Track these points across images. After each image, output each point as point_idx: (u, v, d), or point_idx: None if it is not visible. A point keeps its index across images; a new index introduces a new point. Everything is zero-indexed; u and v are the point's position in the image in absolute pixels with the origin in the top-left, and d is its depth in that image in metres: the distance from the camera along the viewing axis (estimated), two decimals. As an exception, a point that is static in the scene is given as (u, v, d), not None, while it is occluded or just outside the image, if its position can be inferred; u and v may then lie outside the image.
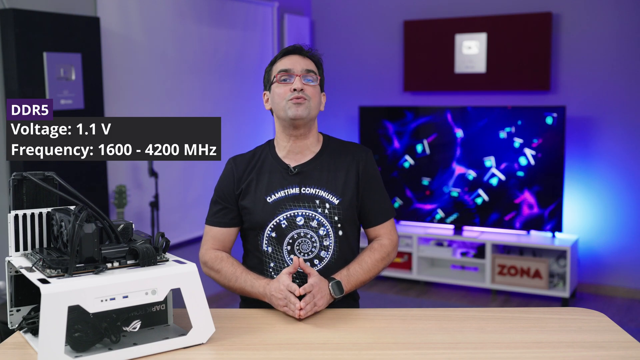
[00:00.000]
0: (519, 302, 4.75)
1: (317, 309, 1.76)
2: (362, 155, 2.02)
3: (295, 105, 1.91)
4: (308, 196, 1.95)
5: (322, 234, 1.94)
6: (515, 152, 4.85)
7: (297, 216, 1.94)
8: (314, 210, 1.94)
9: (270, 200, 1.95)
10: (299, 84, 1.92)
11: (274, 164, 1.99)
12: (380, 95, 5.58)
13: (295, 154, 2.00)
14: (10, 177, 1.62)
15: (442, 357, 1.52)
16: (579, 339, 1.62)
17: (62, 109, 3.51)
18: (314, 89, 1.95)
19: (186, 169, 4.50)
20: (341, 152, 2.02)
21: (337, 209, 1.95)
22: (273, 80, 1.98)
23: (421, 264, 5.14)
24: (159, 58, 4.25)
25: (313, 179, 1.97)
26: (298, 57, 1.98)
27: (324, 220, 1.94)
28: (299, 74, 1.94)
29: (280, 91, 1.94)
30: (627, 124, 4.77)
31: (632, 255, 4.82)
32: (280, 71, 1.95)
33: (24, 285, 1.64)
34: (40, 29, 3.41)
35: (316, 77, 1.97)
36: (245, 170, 2.00)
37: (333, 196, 1.95)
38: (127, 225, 1.59)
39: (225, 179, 2.03)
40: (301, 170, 1.97)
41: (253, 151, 2.06)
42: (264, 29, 5.20)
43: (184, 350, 1.54)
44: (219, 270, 1.95)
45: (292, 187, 1.96)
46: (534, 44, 4.93)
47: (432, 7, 5.37)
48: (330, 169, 1.98)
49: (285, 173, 1.97)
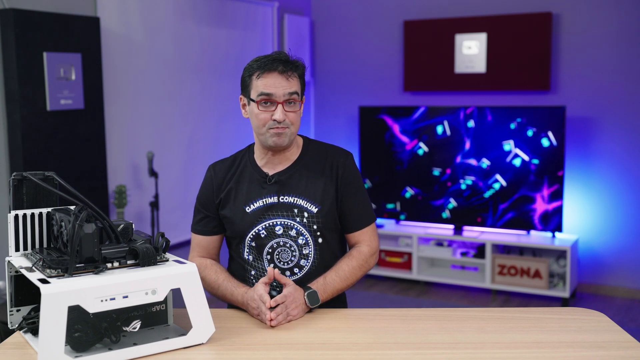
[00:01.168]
0: (519, 302, 4.75)
1: (290, 318, 1.75)
2: (341, 160, 1.97)
3: (276, 135, 1.86)
4: (286, 205, 1.92)
5: (301, 242, 1.92)
6: (515, 152, 4.85)
7: (276, 225, 1.91)
8: (292, 219, 1.91)
9: (249, 210, 1.93)
10: (280, 115, 1.83)
11: (252, 172, 1.97)
12: (380, 95, 5.58)
13: (274, 164, 1.96)
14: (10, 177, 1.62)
15: (442, 357, 1.52)
16: (579, 339, 1.62)
17: (62, 109, 3.51)
18: (295, 115, 1.88)
19: (186, 169, 4.51)
20: (320, 157, 1.98)
21: (316, 217, 1.92)
22: (253, 98, 1.88)
23: (421, 264, 5.14)
24: (159, 58, 4.25)
25: (291, 187, 1.93)
26: (281, 77, 1.85)
27: (303, 230, 1.91)
28: (281, 100, 1.84)
29: (261, 117, 1.86)
30: (627, 124, 4.78)
31: (632, 255, 4.82)
32: (261, 94, 1.85)
33: (24, 285, 1.64)
34: (40, 29, 3.41)
35: (299, 97, 1.89)
36: (225, 178, 1.98)
37: (311, 204, 1.92)
38: (127, 225, 1.59)
39: (205, 188, 2.01)
40: (279, 179, 1.94)
41: (234, 156, 2.03)
42: (264, 29, 5.20)
43: (184, 350, 1.54)
44: (203, 278, 1.93)
45: (270, 196, 1.93)
46: (534, 44, 4.93)
47: (432, 7, 5.37)
48: (309, 176, 1.95)
49: (263, 182, 1.94)
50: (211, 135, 4.71)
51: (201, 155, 4.61)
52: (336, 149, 2.01)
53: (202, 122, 4.63)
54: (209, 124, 4.70)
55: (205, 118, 4.66)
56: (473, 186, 5.01)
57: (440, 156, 5.11)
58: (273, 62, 1.86)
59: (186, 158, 4.50)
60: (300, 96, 1.90)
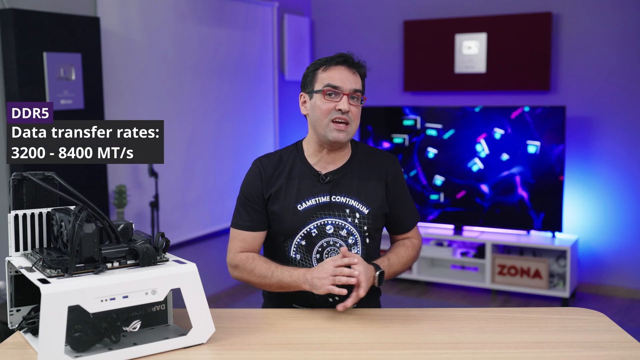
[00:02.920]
0: (519, 302, 4.75)
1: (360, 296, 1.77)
2: (389, 164, 2.01)
3: (337, 131, 1.88)
4: (338, 205, 1.93)
5: (350, 242, 1.94)
6: (515, 152, 4.85)
7: (327, 225, 1.93)
8: (344, 219, 1.93)
9: (301, 208, 1.93)
10: (345, 105, 1.87)
11: (303, 169, 1.96)
12: (380, 95, 5.58)
13: (326, 163, 1.97)
14: (10, 177, 1.62)
15: (442, 357, 1.52)
16: (579, 339, 1.62)
17: (62, 109, 3.51)
18: (357, 110, 1.91)
19: (186, 168, 4.51)
20: (370, 160, 2.00)
21: (366, 219, 1.94)
22: (317, 90, 1.91)
23: (421, 264, 5.14)
24: (159, 58, 4.25)
25: (344, 187, 1.95)
26: (347, 71, 1.90)
27: (353, 230, 1.94)
28: (347, 92, 1.88)
29: (324, 107, 1.88)
30: (627, 124, 4.77)
31: (632, 255, 4.82)
32: (327, 85, 1.88)
33: (24, 285, 1.64)
34: (40, 29, 3.41)
35: (362, 96, 1.93)
36: (274, 174, 1.96)
37: (363, 205, 1.95)
38: (127, 225, 1.59)
39: (253, 181, 1.97)
40: (332, 178, 1.95)
41: (279, 153, 2.01)
42: (264, 29, 5.20)
43: (184, 350, 1.54)
44: (253, 269, 1.90)
45: (322, 195, 1.94)
46: (534, 44, 4.93)
47: (432, 7, 5.37)
48: (361, 177, 1.97)
49: (315, 180, 1.94)
50: (211, 135, 4.71)
51: (201, 155, 4.61)
52: (384, 153, 2.05)
53: (202, 122, 4.63)
54: (209, 124, 4.70)
55: (205, 118, 4.66)
56: (473, 186, 5.00)
57: (440, 156, 5.10)
58: (340, 57, 1.92)
59: (186, 158, 4.50)
60: (362, 94, 1.93)
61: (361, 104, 1.93)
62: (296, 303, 1.95)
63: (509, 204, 4.90)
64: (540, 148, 4.77)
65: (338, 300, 1.88)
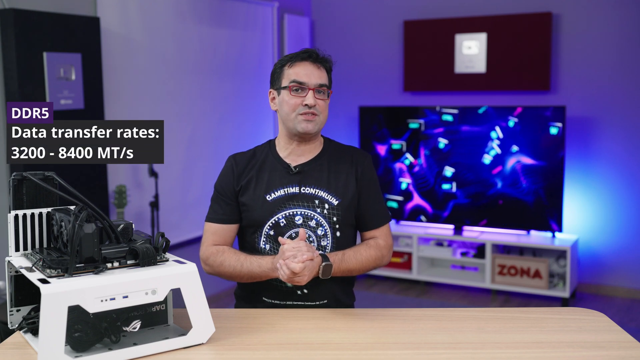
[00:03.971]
0: (519, 302, 4.75)
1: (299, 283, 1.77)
2: (361, 159, 2.04)
3: (306, 121, 1.93)
4: (308, 196, 1.96)
5: (320, 233, 1.96)
6: (515, 152, 4.85)
7: (296, 215, 1.95)
8: (313, 210, 1.95)
9: (269, 199, 1.96)
10: (311, 99, 1.92)
11: (274, 162, 2.01)
12: (380, 95, 5.58)
13: (297, 156, 2.01)
14: (10, 177, 1.63)
15: (442, 357, 1.52)
16: (579, 339, 1.62)
17: (62, 109, 3.51)
18: (324, 103, 1.96)
19: (186, 168, 4.51)
20: (341, 154, 2.04)
21: (336, 210, 1.96)
22: (284, 86, 1.96)
23: (421, 264, 5.14)
24: (159, 58, 4.25)
25: (313, 178, 1.98)
26: (312, 66, 1.95)
27: (323, 220, 1.95)
28: (312, 87, 1.93)
29: (291, 102, 1.94)
30: (627, 124, 4.78)
31: (632, 255, 4.82)
32: (293, 81, 1.94)
33: (24, 285, 1.64)
34: (40, 29, 3.41)
35: (327, 90, 1.97)
36: (246, 168, 2.01)
37: (332, 197, 1.97)
38: (127, 225, 1.59)
39: (225, 176, 2.03)
40: (302, 169, 1.99)
41: (253, 150, 2.07)
42: (264, 29, 5.20)
43: (184, 350, 1.54)
44: (222, 262, 1.94)
45: (292, 186, 1.97)
46: (534, 44, 4.93)
47: (432, 7, 5.37)
48: (331, 170, 2.00)
49: (285, 172, 1.99)
50: (211, 135, 4.71)
51: (201, 155, 4.61)
52: (355, 149, 2.08)
53: (202, 122, 4.63)
54: (209, 124, 4.70)
55: (205, 118, 4.66)
56: (473, 186, 5.00)
57: (440, 156, 5.10)
58: (304, 52, 1.98)
59: (186, 158, 4.50)
60: (329, 87, 1.98)
61: (328, 98, 1.97)
62: (266, 297, 1.98)
63: (508, 204, 4.90)
64: (540, 148, 4.77)
65: (307, 293, 1.94)
